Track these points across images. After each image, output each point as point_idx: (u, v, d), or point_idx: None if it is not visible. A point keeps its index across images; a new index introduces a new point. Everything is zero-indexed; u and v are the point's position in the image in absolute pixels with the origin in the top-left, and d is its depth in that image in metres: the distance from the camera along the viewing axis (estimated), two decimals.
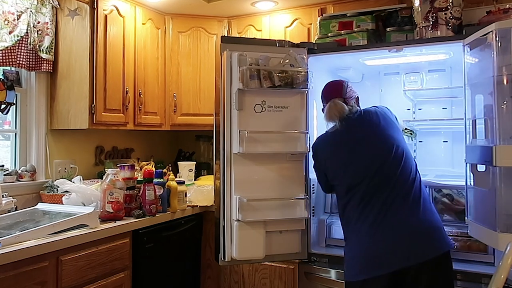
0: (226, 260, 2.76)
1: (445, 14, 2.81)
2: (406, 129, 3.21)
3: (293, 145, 2.81)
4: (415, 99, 3.36)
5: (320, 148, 2.65)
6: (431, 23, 2.84)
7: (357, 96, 2.67)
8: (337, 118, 2.51)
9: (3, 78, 3.22)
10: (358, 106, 2.65)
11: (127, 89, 3.67)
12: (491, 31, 2.27)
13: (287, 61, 2.77)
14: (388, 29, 3.13)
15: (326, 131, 2.65)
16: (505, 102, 2.23)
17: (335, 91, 2.62)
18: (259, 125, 2.74)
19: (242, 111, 2.72)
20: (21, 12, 3.20)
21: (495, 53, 2.25)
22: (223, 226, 2.76)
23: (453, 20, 2.80)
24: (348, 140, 2.51)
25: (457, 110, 3.18)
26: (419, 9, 2.90)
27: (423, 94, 3.32)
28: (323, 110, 2.68)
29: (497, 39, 2.24)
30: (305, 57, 2.91)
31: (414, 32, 2.98)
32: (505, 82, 2.23)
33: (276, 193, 2.78)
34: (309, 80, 2.80)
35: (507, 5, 2.77)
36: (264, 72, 2.73)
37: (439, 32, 2.82)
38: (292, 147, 2.81)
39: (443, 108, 3.33)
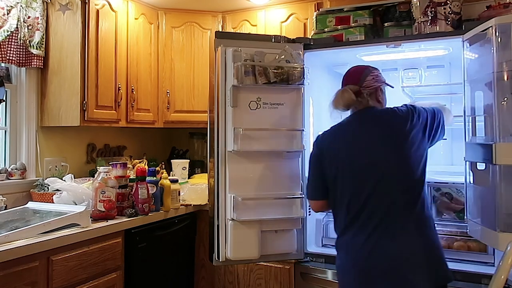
0: (220, 260, 2.72)
1: (444, 9, 2.78)
2: None
3: (288, 142, 2.78)
4: (414, 96, 3.32)
5: (326, 143, 2.39)
6: (430, 18, 2.80)
7: (379, 87, 2.37)
8: (341, 107, 2.33)
9: None
10: (381, 100, 2.39)
11: (119, 86, 3.62)
12: (491, 26, 2.24)
13: (283, 57, 2.74)
14: (386, 24, 3.09)
15: (334, 125, 2.45)
16: (505, 99, 2.20)
17: (350, 77, 2.39)
18: (254, 122, 2.71)
19: (236, 108, 2.69)
20: (11, 6, 3.15)
21: (494, 48, 2.22)
22: (217, 226, 2.73)
23: (452, 15, 2.77)
24: (360, 137, 2.29)
25: (457, 107, 3.12)
26: (418, 4, 2.87)
27: (421, 90, 3.28)
28: None
29: (497, 34, 2.21)
30: (301, 52, 2.88)
31: (413, 27, 2.94)
32: (505, 78, 2.20)
33: (271, 191, 2.74)
34: (305, 76, 2.77)
35: (508, 0, 2.73)
36: (259, 68, 2.69)
37: (438, 27, 2.79)
38: (288, 145, 2.78)
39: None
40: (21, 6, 3.19)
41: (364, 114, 2.34)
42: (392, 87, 2.49)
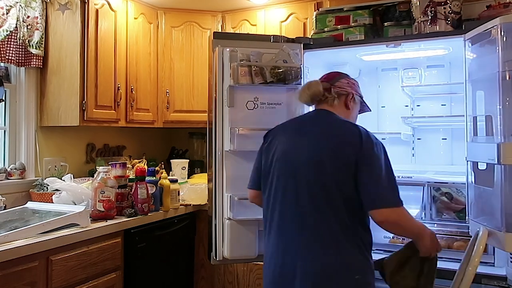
0: (218, 259, 2.73)
1: (444, 8, 2.77)
2: None
3: None
4: (414, 96, 3.32)
5: (273, 131, 2.35)
6: (430, 17, 2.79)
7: (352, 94, 2.29)
8: (305, 100, 2.28)
9: None
10: (350, 107, 2.30)
11: (119, 85, 3.61)
12: (496, 25, 2.22)
13: (280, 56, 2.72)
14: (386, 23, 3.07)
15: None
16: (507, 99, 2.18)
17: (324, 77, 2.35)
18: (252, 122, 2.70)
19: (234, 108, 2.69)
20: (10, 6, 3.14)
21: (499, 48, 2.19)
22: (215, 225, 2.73)
23: (452, 14, 2.76)
24: (306, 131, 2.20)
25: (456, 107, 3.13)
26: (418, 3, 2.85)
27: (421, 90, 3.27)
28: None
29: (502, 33, 2.19)
30: (299, 52, 2.86)
31: (413, 27, 2.93)
32: (508, 78, 2.18)
33: None
34: (303, 76, 2.75)
35: None
36: (256, 68, 2.69)
37: (438, 27, 2.77)
38: None
39: (442, 105, 3.28)
40: (20, 5, 3.18)
41: (318, 116, 2.28)
42: (370, 110, 2.47)
